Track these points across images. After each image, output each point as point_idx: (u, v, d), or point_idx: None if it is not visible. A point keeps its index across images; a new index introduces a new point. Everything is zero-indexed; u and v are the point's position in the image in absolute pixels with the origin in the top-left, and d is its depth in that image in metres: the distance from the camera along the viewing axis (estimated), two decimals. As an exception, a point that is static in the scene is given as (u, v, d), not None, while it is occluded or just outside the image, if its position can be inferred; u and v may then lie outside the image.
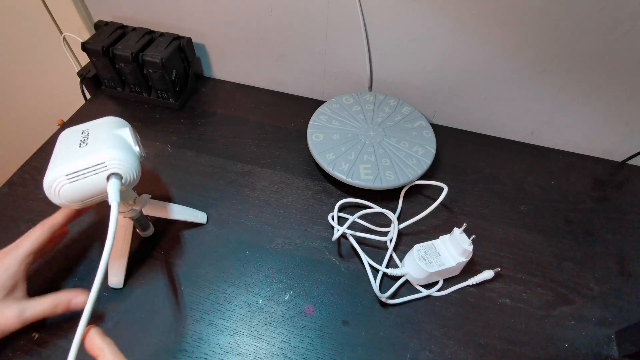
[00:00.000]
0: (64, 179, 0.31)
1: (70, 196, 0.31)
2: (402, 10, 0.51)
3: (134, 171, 0.34)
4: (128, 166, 0.33)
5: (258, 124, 0.62)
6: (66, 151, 0.33)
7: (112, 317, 0.40)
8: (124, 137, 0.36)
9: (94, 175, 0.32)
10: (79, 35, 0.67)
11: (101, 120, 0.38)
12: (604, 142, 0.58)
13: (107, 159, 0.32)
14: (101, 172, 0.32)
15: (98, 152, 0.32)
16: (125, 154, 0.33)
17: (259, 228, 0.48)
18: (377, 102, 0.59)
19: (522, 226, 0.50)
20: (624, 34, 0.46)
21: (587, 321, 0.42)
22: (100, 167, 0.32)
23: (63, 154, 0.33)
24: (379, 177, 0.49)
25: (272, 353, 0.39)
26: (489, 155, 0.59)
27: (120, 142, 0.34)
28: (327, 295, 0.43)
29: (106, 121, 0.38)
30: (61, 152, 0.34)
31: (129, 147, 0.35)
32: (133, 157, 0.34)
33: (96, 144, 0.33)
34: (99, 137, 0.35)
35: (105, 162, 0.32)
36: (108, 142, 0.34)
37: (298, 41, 0.59)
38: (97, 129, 0.36)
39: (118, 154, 0.32)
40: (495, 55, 0.52)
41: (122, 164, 0.32)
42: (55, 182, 0.31)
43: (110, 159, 0.32)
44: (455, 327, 0.41)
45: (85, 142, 0.34)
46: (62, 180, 0.31)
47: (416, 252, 0.43)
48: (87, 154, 0.32)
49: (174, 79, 0.59)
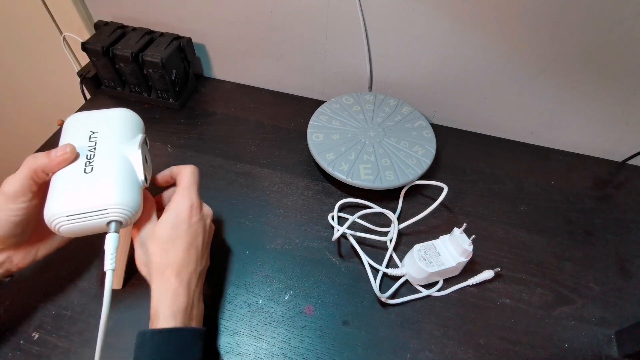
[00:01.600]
0: (64, 219, 0.30)
1: (69, 233, 0.31)
2: (402, 10, 0.51)
3: (135, 211, 0.32)
4: (130, 210, 0.31)
5: (258, 124, 0.62)
6: (71, 175, 0.31)
7: (112, 317, 0.40)
8: (132, 161, 0.34)
9: (95, 219, 0.30)
10: (79, 35, 0.67)
11: (114, 120, 0.36)
12: (604, 142, 0.58)
13: (110, 205, 0.30)
14: (102, 218, 0.30)
15: (101, 193, 0.30)
16: (129, 195, 0.32)
17: (259, 228, 0.48)
18: (377, 102, 0.59)
19: (522, 226, 0.50)
20: (624, 33, 0.46)
21: (587, 321, 0.42)
22: (102, 213, 0.30)
23: (67, 177, 0.31)
24: (379, 177, 0.49)
25: (272, 353, 0.39)
26: (489, 155, 0.59)
27: (126, 175, 0.32)
28: (327, 295, 0.43)
29: (118, 124, 0.36)
30: (68, 171, 0.31)
31: (133, 181, 0.33)
32: (136, 194, 0.32)
33: (102, 174, 0.31)
34: (107, 159, 0.32)
35: (107, 210, 0.30)
36: (115, 176, 0.32)
37: (298, 41, 0.59)
38: (107, 139, 0.34)
39: (122, 200, 0.31)
40: (495, 55, 0.52)
41: (125, 211, 0.31)
42: (55, 220, 0.30)
43: (113, 206, 0.30)
44: (455, 327, 0.41)
45: (91, 164, 0.32)
46: (62, 220, 0.30)
47: (416, 252, 0.43)
48: (90, 190, 0.30)
49: (174, 79, 0.59)
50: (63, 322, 0.40)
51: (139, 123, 0.38)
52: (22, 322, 0.39)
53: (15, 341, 0.38)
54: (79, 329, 0.39)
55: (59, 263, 0.44)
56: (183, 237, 0.35)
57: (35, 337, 0.39)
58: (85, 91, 0.65)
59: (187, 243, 0.35)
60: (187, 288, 0.34)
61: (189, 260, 0.35)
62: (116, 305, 0.41)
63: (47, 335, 0.39)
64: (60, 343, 0.38)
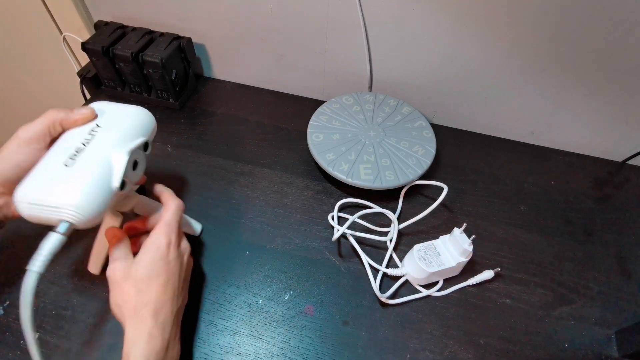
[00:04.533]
0: (25, 204, 0.30)
1: (27, 217, 0.31)
2: (402, 10, 0.51)
3: (92, 217, 0.31)
4: (85, 215, 0.30)
5: (258, 124, 0.62)
6: (53, 163, 0.32)
7: (112, 317, 0.40)
8: (116, 165, 0.33)
9: (49, 214, 0.30)
10: (79, 35, 0.67)
11: (123, 118, 0.36)
12: (604, 142, 0.58)
13: (65, 205, 0.30)
14: (55, 214, 0.30)
15: (62, 192, 0.30)
16: (91, 200, 0.31)
17: (259, 228, 0.48)
18: (377, 102, 0.59)
19: (522, 226, 0.50)
20: (624, 33, 0.46)
21: (587, 321, 0.42)
22: (55, 210, 0.30)
23: (49, 165, 0.32)
24: (379, 177, 0.49)
25: (272, 353, 0.39)
26: (489, 155, 0.59)
27: (98, 179, 0.32)
28: (327, 295, 0.43)
29: (125, 123, 0.36)
30: (51, 158, 0.32)
31: (104, 186, 0.32)
32: (100, 199, 0.31)
33: (75, 172, 0.31)
34: (90, 158, 0.32)
35: (60, 209, 0.30)
36: (84, 178, 0.31)
37: (298, 41, 0.59)
38: (103, 137, 0.34)
39: (78, 203, 0.30)
40: (495, 55, 0.52)
41: (78, 215, 0.30)
42: (18, 201, 0.30)
43: (68, 207, 0.30)
44: (455, 327, 0.41)
45: (74, 159, 0.32)
46: (23, 204, 0.30)
47: (416, 252, 0.43)
48: (55, 185, 0.30)
49: (174, 79, 0.59)
50: (63, 322, 0.40)
51: (149, 125, 0.38)
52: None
53: (15, 341, 0.38)
54: (79, 329, 0.39)
55: (59, 263, 0.44)
56: (159, 276, 0.34)
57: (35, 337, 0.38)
58: (85, 91, 0.65)
59: (163, 281, 0.34)
60: (162, 329, 0.32)
61: (165, 299, 0.33)
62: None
63: (47, 335, 0.39)
64: (60, 343, 0.38)
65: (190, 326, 0.40)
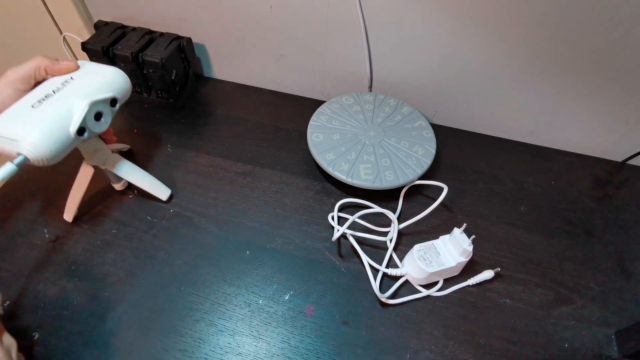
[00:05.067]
0: None
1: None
2: (402, 10, 0.51)
3: (46, 156, 0.34)
4: (40, 152, 0.33)
5: (258, 124, 0.62)
6: (24, 103, 0.35)
7: (112, 317, 0.40)
8: (76, 112, 0.36)
9: (8, 146, 0.33)
10: (79, 35, 0.67)
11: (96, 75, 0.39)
12: (604, 142, 0.58)
13: (22, 138, 0.33)
14: (13, 147, 0.33)
15: (23, 126, 0.33)
16: (47, 139, 0.33)
17: (259, 228, 0.48)
18: (377, 102, 0.59)
19: (522, 226, 0.50)
20: (624, 33, 0.46)
21: (587, 321, 0.42)
22: (14, 142, 0.33)
23: (22, 103, 0.35)
24: (379, 177, 0.49)
25: (272, 353, 0.39)
26: (489, 155, 0.59)
27: (57, 121, 0.35)
28: (327, 295, 0.43)
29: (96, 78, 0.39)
30: (23, 100, 0.35)
31: (62, 130, 0.35)
32: (56, 140, 0.34)
33: (38, 112, 0.34)
34: (54, 103, 0.35)
35: (18, 141, 0.33)
36: (44, 117, 0.34)
37: (298, 41, 0.59)
38: (72, 87, 0.37)
39: (35, 139, 0.33)
40: (496, 55, 0.52)
41: (33, 150, 0.33)
42: None
43: (25, 141, 0.33)
44: (455, 327, 0.41)
45: (42, 103, 0.35)
46: None
47: (416, 252, 0.43)
48: (18, 120, 0.34)
49: (174, 79, 0.59)
50: (63, 322, 0.40)
51: (121, 85, 0.41)
52: (22, 322, 0.39)
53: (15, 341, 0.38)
54: (79, 329, 0.39)
55: (58, 264, 0.44)
56: None
57: (36, 337, 0.39)
58: (85, 91, 0.65)
59: None
60: None
61: None
62: (116, 305, 0.41)
63: (47, 335, 0.39)
64: (60, 343, 0.38)
65: (190, 326, 0.40)
